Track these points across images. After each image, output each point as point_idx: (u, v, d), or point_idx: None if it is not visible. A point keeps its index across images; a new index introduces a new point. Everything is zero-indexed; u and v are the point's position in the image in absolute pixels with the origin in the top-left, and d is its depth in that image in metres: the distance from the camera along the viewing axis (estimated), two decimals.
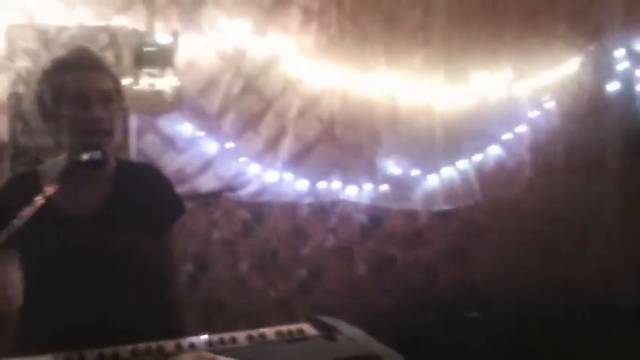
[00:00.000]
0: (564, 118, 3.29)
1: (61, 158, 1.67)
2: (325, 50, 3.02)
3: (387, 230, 3.16)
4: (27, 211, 1.27)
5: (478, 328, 2.95)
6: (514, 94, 3.22)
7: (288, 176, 3.02)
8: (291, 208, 3.06)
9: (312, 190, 3.06)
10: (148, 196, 1.69)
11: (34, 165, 2.65)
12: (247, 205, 3.01)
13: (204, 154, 2.91)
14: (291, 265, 3.08)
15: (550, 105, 3.28)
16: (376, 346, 1.41)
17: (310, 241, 3.09)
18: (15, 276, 1.46)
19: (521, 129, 3.26)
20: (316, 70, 3.01)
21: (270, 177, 3.00)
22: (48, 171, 1.65)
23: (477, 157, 3.23)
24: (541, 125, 3.27)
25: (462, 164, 3.21)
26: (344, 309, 3.05)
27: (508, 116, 3.24)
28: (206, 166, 2.92)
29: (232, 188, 2.98)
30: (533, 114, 3.26)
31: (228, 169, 2.95)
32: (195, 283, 2.93)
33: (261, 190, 3.00)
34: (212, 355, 1.25)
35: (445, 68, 3.14)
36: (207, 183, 2.94)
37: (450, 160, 3.20)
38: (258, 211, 3.03)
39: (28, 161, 2.68)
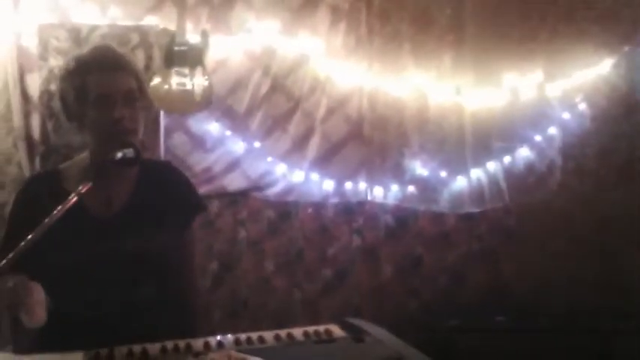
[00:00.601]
0: (596, 120, 3.23)
1: (82, 157, 1.69)
2: (354, 50, 3.01)
3: (413, 232, 3.13)
4: (58, 211, 1.27)
5: (505, 332, 2.91)
6: (545, 94, 3.16)
7: (315, 176, 3.01)
8: (317, 208, 3.05)
9: (339, 191, 3.05)
10: (169, 195, 1.70)
11: (64, 162, 2.73)
12: (274, 205, 3.01)
13: (231, 154, 2.92)
14: (316, 265, 3.07)
15: (582, 106, 3.21)
16: (405, 349, 1.39)
17: (336, 242, 3.08)
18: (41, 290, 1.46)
19: (552, 131, 3.20)
20: (345, 70, 2.99)
21: (297, 177, 3.00)
22: (68, 170, 1.69)
23: (507, 159, 3.17)
24: (572, 127, 3.21)
25: (491, 166, 3.16)
26: (369, 310, 3.05)
27: (539, 117, 3.17)
28: (234, 165, 2.93)
29: (259, 187, 2.98)
30: (565, 115, 3.20)
31: (255, 169, 2.95)
32: (220, 281, 2.94)
33: (288, 190, 3.00)
34: (242, 355, 1.24)
35: (475, 68, 3.09)
36: (234, 182, 2.95)
37: (479, 161, 3.15)
38: (285, 210, 3.03)
39: (58, 159, 2.71)
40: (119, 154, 1.50)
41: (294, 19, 2.93)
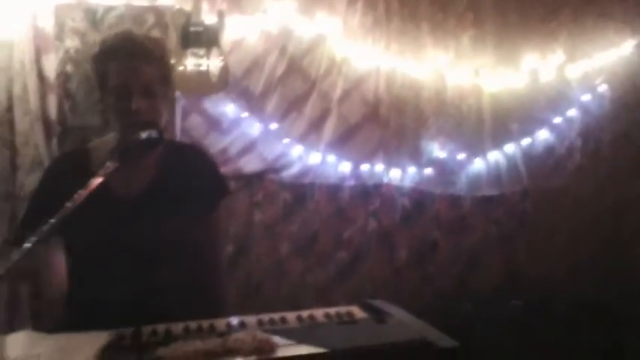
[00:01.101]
0: (617, 102, 3.17)
1: (110, 137, 1.70)
2: (371, 30, 2.96)
3: (429, 215, 3.11)
4: (83, 192, 1.27)
5: (519, 317, 2.90)
6: (566, 76, 3.11)
7: (331, 158, 2.99)
8: (333, 191, 3.03)
9: (355, 173, 3.03)
10: (194, 177, 1.70)
11: (81, 143, 2.73)
12: (289, 187, 2.99)
13: (247, 135, 2.89)
14: (331, 248, 3.05)
15: (603, 88, 3.16)
16: (428, 331, 1.39)
17: (351, 225, 3.06)
18: (63, 262, 1.47)
19: (572, 113, 3.16)
20: (362, 51, 2.95)
21: (313, 159, 2.98)
22: (96, 150, 1.69)
23: (526, 142, 3.14)
24: (593, 109, 3.16)
25: (510, 149, 3.13)
26: (383, 294, 3.03)
27: (559, 99, 3.13)
28: (249, 147, 2.91)
29: (275, 169, 2.97)
30: (585, 97, 3.15)
31: (271, 150, 2.93)
32: (235, 264, 2.94)
33: (304, 172, 2.98)
34: (267, 335, 1.24)
35: (495, 49, 3.05)
36: (250, 164, 2.93)
37: (497, 144, 3.12)
38: (301, 192, 3.01)
39: (75, 140, 2.72)
40: (142, 135, 1.49)
41: None
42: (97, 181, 1.30)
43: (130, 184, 1.62)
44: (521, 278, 3.11)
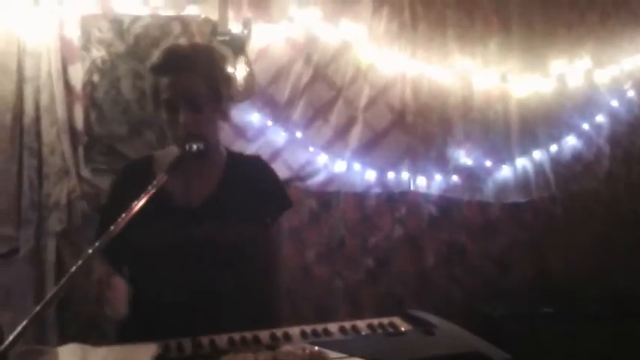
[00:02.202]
0: None
1: (172, 148, 1.71)
2: (397, 36, 2.95)
3: (457, 222, 3.08)
4: (138, 204, 1.27)
5: (552, 324, 2.86)
6: (594, 81, 3.08)
7: (357, 166, 2.98)
8: (359, 198, 3.01)
9: (381, 181, 3.01)
10: (256, 189, 1.71)
11: (107, 152, 2.74)
12: (315, 195, 2.98)
13: (273, 144, 2.88)
14: (358, 254, 3.04)
15: (631, 94, 3.12)
16: (478, 343, 1.37)
17: (378, 231, 3.04)
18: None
19: (601, 119, 3.13)
20: (388, 57, 2.94)
21: (338, 167, 2.96)
22: (160, 158, 1.73)
23: (553, 148, 3.11)
24: (621, 115, 3.12)
25: (538, 155, 3.10)
26: (411, 300, 3.02)
27: (587, 105, 3.10)
28: (275, 155, 2.90)
29: (300, 178, 2.95)
30: (614, 103, 3.11)
31: (296, 159, 2.92)
32: None
33: (330, 180, 2.97)
34: (319, 349, 1.22)
35: (522, 54, 3.02)
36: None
37: (525, 150, 3.09)
38: (326, 200, 3.00)
39: (101, 149, 2.73)
40: (191, 147, 1.50)
41: (336, 5, 2.88)
42: (150, 193, 1.29)
43: (192, 193, 1.64)
44: (551, 283, 3.07)
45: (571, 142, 3.12)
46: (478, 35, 3.00)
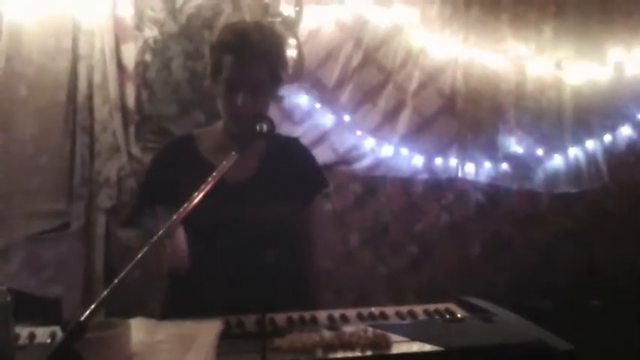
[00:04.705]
0: None
1: (215, 125, 1.76)
2: (449, 20, 2.90)
3: (504, 210, 3.03)
4: (212, 180, 1.28)
5: (600, 318, 2.80)
6: None
7: (404, 151, 2.95)
8: (405, 184, 2.99)
9: (428, 166, 2.98)
10: (294, 168, 1.73)
11: (157, 131, 2.76)
12: (360, 178, 2.96)
13: (320, 126, 2.88)
14: (402, 241, 3.02)
15: None
16: (539, 332, 1.34)
17: (423, 218, 3.01)
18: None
19: None
20: (439, 42, 2.90)
21: (385, 151, 2.94)
22: (203, 136, 1.75)
23: (607, 138, 3.03)
24: None
25: (591, 145, 3.03)
26: (455, 288, 2.98)
27: None
28: (321, 138, 2.89)
29: (346, 161, 2.94)
30: None
31: (343, 142, 2.91)
32: None
33: (376, 165, 2.95)
34: (381, 331, 1.22)
35: (577, 41, 2.94)
36: (321, 155, 2.87)
37: (578, 139, 3.02)
38: (372, 185, 2.98)
39: (151, 128, 2.76)
40: (260, 128, 1.49)
41: None
42: (223, 170, 1.30)
43: (239, 171, 1.64)
44: (599, 276, 3.01)
45: (626, 132, 3.04)
46: (533, 20, 2.93)
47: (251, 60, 1.59)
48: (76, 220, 2.64)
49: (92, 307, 0.93)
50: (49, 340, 1.28)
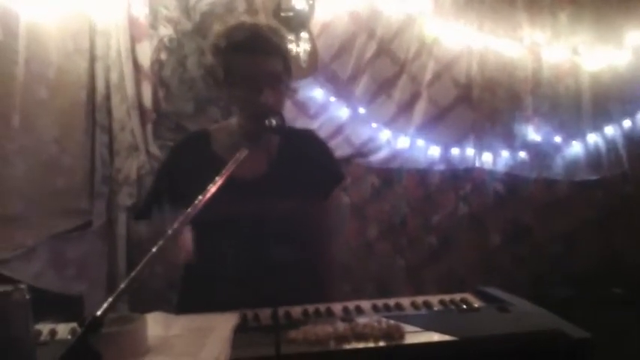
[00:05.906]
0: None
1: (229, 122, 1.76)
2: (463, 9, 2.88)
3: (523, 199, 3.01)
4: (222, 176, 1.29)
5: (622, 306, 2.77)
6: None
7: (421, 142, 2.94)
8: (422, 175, 2.98)
9: (445, 157, 2.97)
10: (309, 163, 1.71)
11: (175, 129, 2.79)
12: (377, 171, 2.97)
13: (335, 120, 2.88)
14: (420, 232, 3.02)
15: None
16: (556, 320, 1.33)
17: (441, 209, 3.01)
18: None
19: None
20: (453, 31, 2.88)
21: (401, 143, 2.93)
22: (217, 133, 1.75)
23: (627, 123, 2.99)
24: None
25: (610, 131, 2.99)
26: (474, 279, 2.97)
27: None
28: (337, 131, 2.90)
29: (363, 153, 2.94)
30: None
31: (359, 135, 2.91)
32: None
33: (392, 156, 2.95)
34: (395, 322, 1.22)
35: (594, 26, 2.90)
36: (337, 148, 2.90)
37: (597, 126, 2.99)
38: (389, 177, 2.98)
39: (169, 126, 2.79)
40: (269, 122, 1.50)
41: None
42: (232, 165, 1.31)
43: (252, 167, 1.65)
44: (621, 264, 2.97)
45: None
46: (548, 6, 2.90)
47: (265, 55, 1.59)
48: (97, 218, 2.68)
49: (108, 302, 0.95)
50: (69, 337, 1.31)
